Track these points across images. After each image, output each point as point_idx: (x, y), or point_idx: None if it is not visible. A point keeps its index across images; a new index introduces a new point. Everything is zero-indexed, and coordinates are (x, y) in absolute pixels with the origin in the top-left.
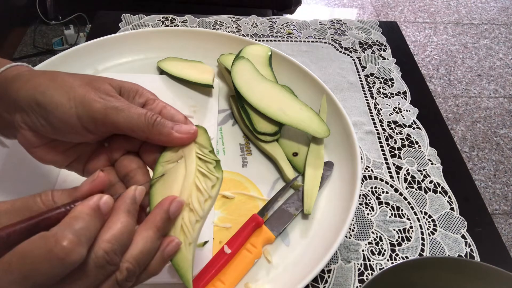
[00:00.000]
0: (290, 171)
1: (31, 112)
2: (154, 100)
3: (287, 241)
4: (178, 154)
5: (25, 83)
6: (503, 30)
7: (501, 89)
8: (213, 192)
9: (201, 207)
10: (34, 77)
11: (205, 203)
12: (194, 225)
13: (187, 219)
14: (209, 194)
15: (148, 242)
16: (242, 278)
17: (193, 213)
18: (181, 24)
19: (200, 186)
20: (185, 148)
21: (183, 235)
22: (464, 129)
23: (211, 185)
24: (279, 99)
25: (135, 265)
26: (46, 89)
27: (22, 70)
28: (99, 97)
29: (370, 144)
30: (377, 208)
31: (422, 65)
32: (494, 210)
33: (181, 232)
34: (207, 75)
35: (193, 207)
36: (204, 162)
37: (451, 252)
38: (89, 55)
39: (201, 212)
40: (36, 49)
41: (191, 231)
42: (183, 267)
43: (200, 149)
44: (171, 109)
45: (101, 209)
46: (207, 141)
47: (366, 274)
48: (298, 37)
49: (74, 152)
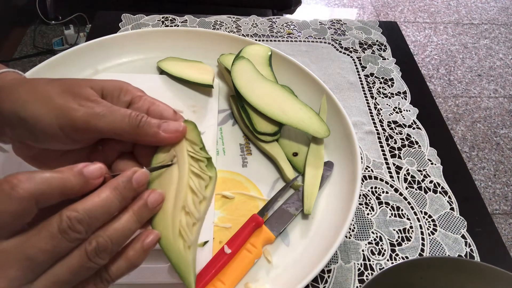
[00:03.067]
0: (290, 171)
1: (16, 126)
2: (141, 97)
3: (287, 241)
4: (171, 153)
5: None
6: (503, 30)
7: (501, 89)
8: (207, 192)
9: (196, 209)
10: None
11: (200, 205)
12: (191, 228)
13: (184, 222)
14: (203, 195)
15: (123, 221)
16: (242, 278)
17: (190, 216)
18: (181, 24)
19: (194, 187)
20: (176, 147)
21: (181, 239)
22: (464, 129)
23: (205, 185)
24: (279, 99)
25: (106, 240)
26: (25, 103)
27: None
28: (79, 104)
29: (370, 144)
30: (377, 208)
31: (422, 65)
32: (494, 210)
33: (180, 237)
34: (207, 75)
35: (189, 210)
36: (196, 161)
37: (451, 252)
38: (89, 55)
39: (197, 214)
40: (36, 49)
41: (189, 234)
42: (183, 269)
43: (191, 146)
44: (159, 105)
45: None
46: (197, 137)
47: (366, 274)
48: (298, 37)
49: (69, 158)
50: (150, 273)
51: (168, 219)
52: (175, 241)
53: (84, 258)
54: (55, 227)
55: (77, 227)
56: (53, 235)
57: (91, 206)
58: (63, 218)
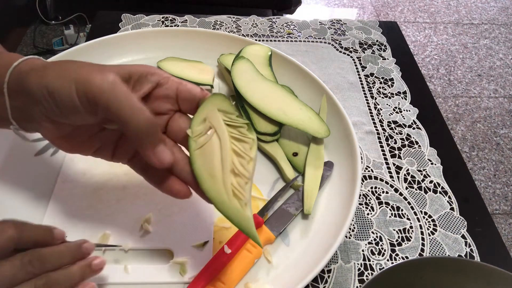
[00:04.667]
0: (290, 171)
1: (45, 101)
2: (168, 78)
3: (287, 241)
4: (206, 125)
5: (37, 73)
6: (503, 30)
7: (501, 89)
8: (252, 153)
9: (245, 169)
10: (46, 68)
11: (248, 165)
12: (244, 187)
13: (236, 183)
14: (250, 156)
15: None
16: (242, 278)
17: (240, 177)
18: (181, 24)
19: (239, 150)
20: (211, 118)
21: (237, 199)
22: (464, 129)
23: (249, 147)
24: (279, 99)
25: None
26: (53, 77)
27: (36, 63)
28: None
29: (370, 144)
30: (377, 208)
31: (422, 65)
32: (494, 210)
33: (234, 197)
34: (207, 75)
35: (239, 171)
36: (234, 128)
37: (451, 252)
38: (89, 55)
39: (247, 174)
40: (36, 49)
41: (244, 192)
42: (246, 226)
43: (226, 116)
44: (187, 84)
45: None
46: (231, 106)
47: (366, 274)
48: (298, 37)
49: (98, 140)
50: (150, 273)
51: (219, 184)
52: (231, 202)
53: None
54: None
55: (35, 263)
56: (14, 265)
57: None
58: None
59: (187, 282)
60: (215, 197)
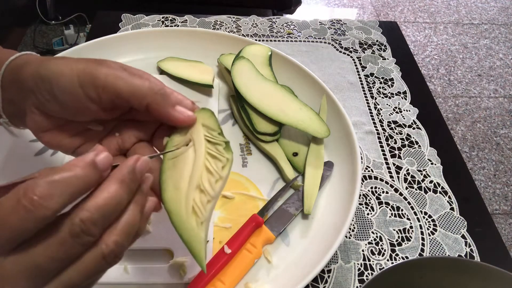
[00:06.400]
0: (290, 171)
1: (37, 90)
2: None
3: (287, 241)
4: (187, 137)
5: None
6: (503, 30)
7: (501, 89)
8: (223, 172)
9: (212, 187)
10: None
11: (216, 184)
12: (205, 205)
13: (198, 200)
14: (220, 174)
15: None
16: (242, 278)
17: (204, 194)
18: (181, 24)
19: (210, 167)
20: (193, 131)
21: (194, 216)
22: (464, 129)
23: (221, 166)
24: (279, 99)
25: (123, 239)
26: (48, 64)
27: (32, 58)
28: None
29: (370, 144)
30: (377, 208)
31: (422, 65)
32: (494, 210)
33: (193, 213)
34: (207, 75)
35: (204, 188)
36: (213, 144)
37: (451, 252)
38: (89, 55)
39: (212, 193)
40: (36, 49)
41: (203, 211)
42: (195, 247)
43: (208, 132)
44: (178, 95)
45: (98, 165)
46: (215, 123)
47: (366, 274)
48: (298, 37)
49: (82, 138)
50: (150, 273)
51: (181, 197)
52: (188, 218)
53: (100, 261)
54: (66, 232)
55: (91, 230)
56: (64, 241)
57: (103, 204)
58: (75, 221)
59: (187, 282)
60: (173, 210)
